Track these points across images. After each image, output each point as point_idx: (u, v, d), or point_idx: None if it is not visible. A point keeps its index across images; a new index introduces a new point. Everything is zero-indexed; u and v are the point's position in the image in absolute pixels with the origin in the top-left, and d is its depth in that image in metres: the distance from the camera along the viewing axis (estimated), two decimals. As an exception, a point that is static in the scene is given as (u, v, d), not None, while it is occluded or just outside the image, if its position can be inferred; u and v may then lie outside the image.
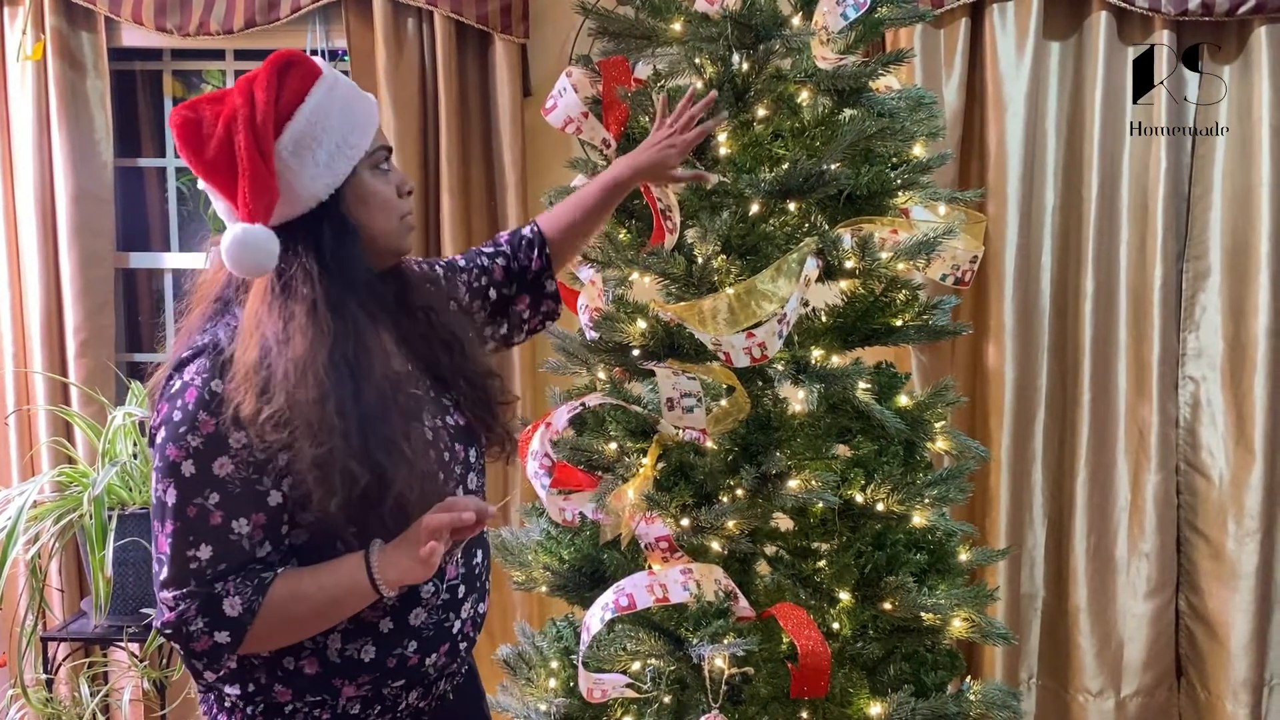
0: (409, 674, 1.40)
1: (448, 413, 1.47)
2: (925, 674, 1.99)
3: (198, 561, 1.27)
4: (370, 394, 1.30)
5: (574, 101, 2.00)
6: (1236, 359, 2.90)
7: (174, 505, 1.27)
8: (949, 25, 2.84)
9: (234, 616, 1.28)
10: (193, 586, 1.27)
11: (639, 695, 1.90)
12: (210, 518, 1.27)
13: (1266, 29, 2.76)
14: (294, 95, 1.33)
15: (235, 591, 1.28)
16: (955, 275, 2.10)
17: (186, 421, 1.27)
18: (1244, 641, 2.91)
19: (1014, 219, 2.85)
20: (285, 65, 1.34)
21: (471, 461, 1.48)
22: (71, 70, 2.96)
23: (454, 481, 1.43)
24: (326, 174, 1.33)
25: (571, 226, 1.75)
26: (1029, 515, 2.99)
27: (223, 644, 1.28)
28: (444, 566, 1.41)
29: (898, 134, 1.94)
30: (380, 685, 1.39)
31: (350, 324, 1.31)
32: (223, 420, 1.26)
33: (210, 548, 1.27)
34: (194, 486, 1.26)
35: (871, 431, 1.98)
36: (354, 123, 1.36)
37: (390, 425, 1.30)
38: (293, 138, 1.31)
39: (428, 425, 1.41)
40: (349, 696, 1.38)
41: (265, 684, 1.36)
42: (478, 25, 2.86)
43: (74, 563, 3.04)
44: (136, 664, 2.72)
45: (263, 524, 1.29)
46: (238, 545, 1.28)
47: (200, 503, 1.27)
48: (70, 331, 3.01)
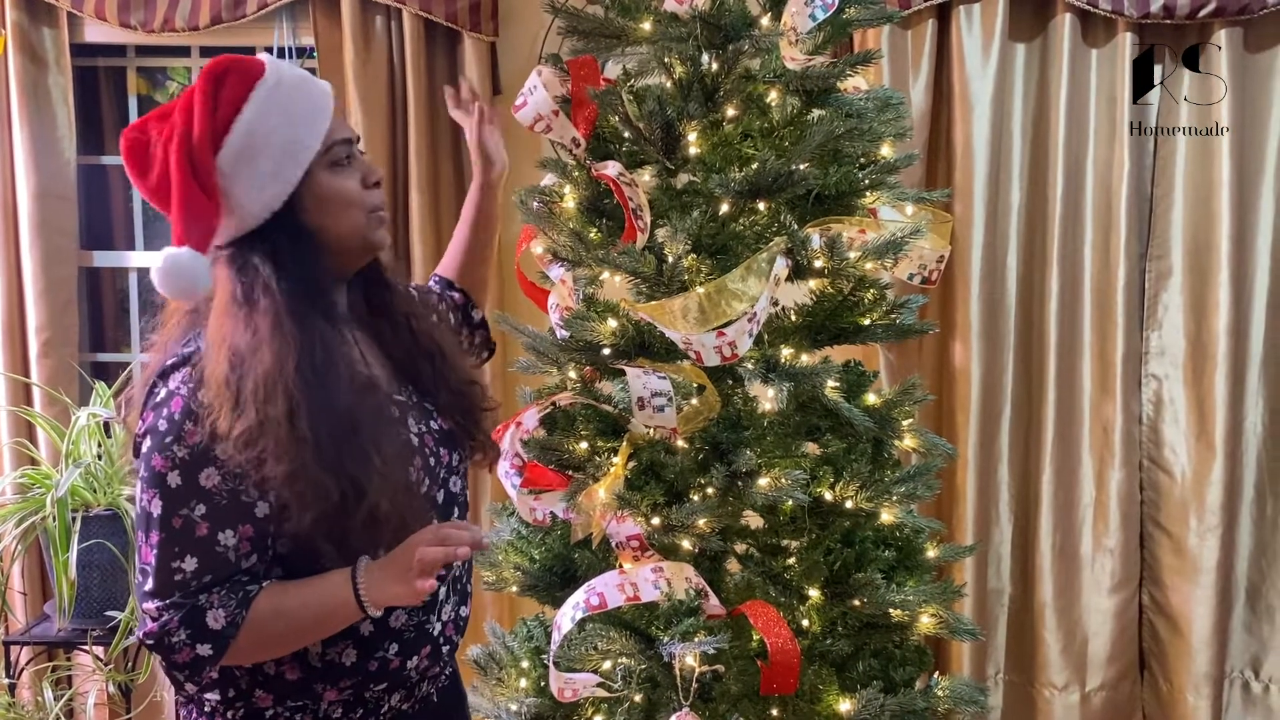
0: (390, 677, 1.40)
1: (431, 418, 1.46)
2: (894, 670, 2.01)
3: (182, 573, 1.25)
4: (340, 404, 1.28)
5: (544, 100, 2.00)
6: (1198, 357, 2.94)
7: (159, 516, 1.25)
8: (916, 26, 2.87)
9: (217, 630, 1.26)
10: (177, 598, 1.25)
11: (610, 694, 1.91)
12: (196, 529, 1.25)
13: (1226, 31, 2.81)
14: (230, 106, 1.29)
15: (219, 604, 1.26)
16: (922, 274, 2.11)
17: (173, 432, 1.25)
18: (1205, 635, 2.95)
19: (980, 219, 2.88)
20: (221, 74, 1.30)
21: (455, 465, 1.48)
22: (33, 66, 2.92)
23: (437, 486, 1.43)
24: (274, 183, 1.30)
25: (464, 253, 1.88)
26: (995, 512, 3.02)
27: (205, 656, 1.26)
28: None
29: (866, 134, 1.95)
30: (362, 689, 1.38)
31: (316, 334, 1.29)
32: (209, 431, 1.24)
33: (195, 559, 1.25)
34: (180, 498, 1.25)
35: (840, 429, 1.99)
36: (299, 121, 1.32)
37: (361, 436, 1.28)
38: (232, 152, 1.29)
39: (412, 432, 1.40)
40: (331, 701, 1.37)
41: (246, 690, 1.35)
42: (446, 23, 2.85)
43: (37, 565, 2.99)
44: (101, 667, 2.69)
45: (250, 536, 1.27)
46: (224, 557, 1.26)
47: (186, 514, 1.25)
48: (33, 331, 2.97)
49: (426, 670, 1.45)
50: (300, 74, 1.37)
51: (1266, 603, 3.03)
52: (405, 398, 1.44)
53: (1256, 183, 2.90)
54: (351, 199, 1.36)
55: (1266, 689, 3.05)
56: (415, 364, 1.47)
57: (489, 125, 1.92)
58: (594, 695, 1.91)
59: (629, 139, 2.00)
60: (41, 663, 2.88)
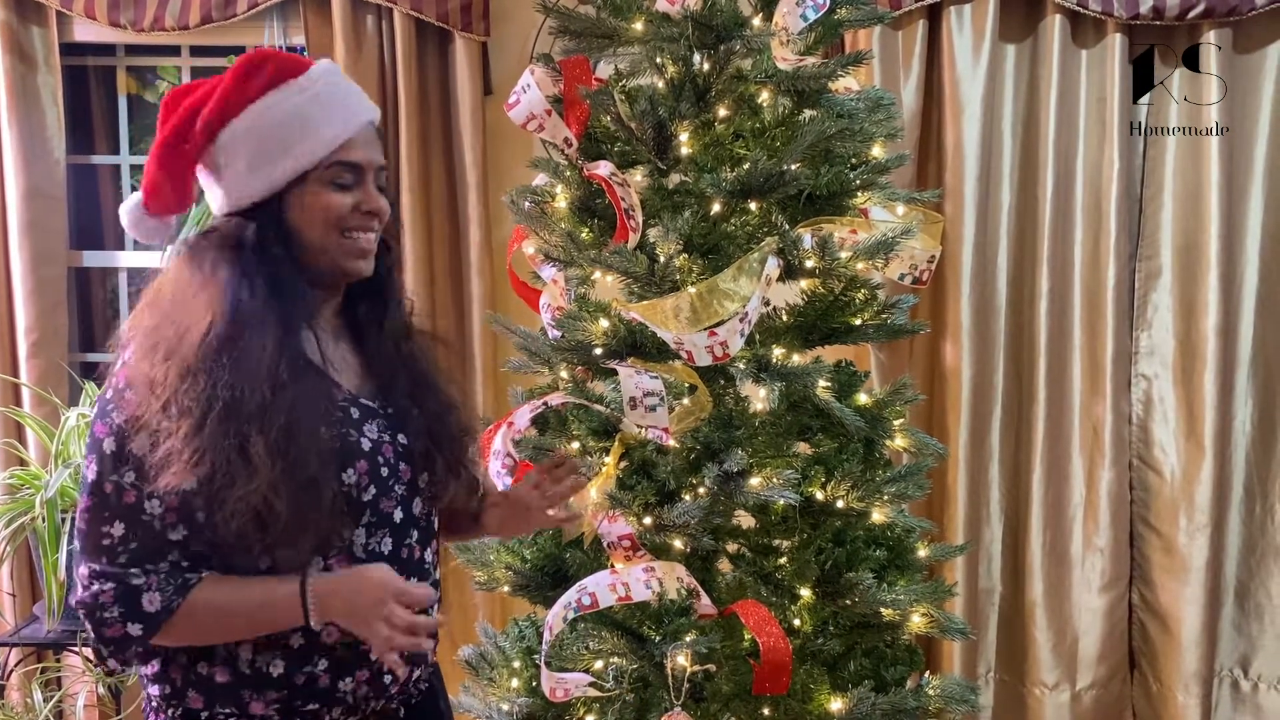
0: (321, 696, 1.35)
1: (402, 431, 1.43)
2: (885, 669, 2.01)
3: (110, 538, 1.27)
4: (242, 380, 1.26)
5: (537, 98, 2.00)
6: (1187, 357, 2.96)
7: (93, 481, 1.28)
8: (907, 27, 2.87)
9: (150, 612, 1.27)
10: (105, 564, 1.27)
11: (602, 694, 1.91)
12: (124, 496, 1.27)
13: (1215, 32, 2.82)
14: (249, 95, 1.34)
15: (157, 587, 1.27)
16: (913, 275, 2.12)
17: (114, 399, 1.29)
18: (1194, 634, 2.96)
19: (971, 219, 2.89)
20: (257, 64, 1.35)
21: (419, 487, 1.44)
22: (22, 65, 2.90)
23: (392, 501, 1.39)
24: (257, 178, 1.33)
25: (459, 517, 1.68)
26: (986, 511, 3.03)
27: (134, 635, 1.28)
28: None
29: (857, 135, 1.95)
30: (290, 702, 1.35)
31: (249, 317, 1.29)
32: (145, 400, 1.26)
33: (122, 525, 1.27)
34: (112, 463, 1.27)
35: (832, 429, 1.99)
36: (306, 134, 1.34)
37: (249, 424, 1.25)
38: (229, 136, 1.34)
39: (368, 437, 1.38)
40: (258, 713, 1.34)
41: (180, 688, 1.35)
42: (438, 23, 2.84)
43: (26, 567, 2.98)
44: (91, 669, 2.68)
45: (174, 506, 1.27)
46: (149, 525, 1.28)
47: (116, 480, 1.27)
48: (22, 332, 2.96)
49: (368, 696, 1.39)
50: (345, 90, 1.40)
51: (1255, 601, 3.04)
52: (376, 405, 1.42)
53: (1245, 183, 2.92)
54: (330, 218, 1.36)
55: (1255, 687, 3.06)
56: (394, 379, 1.45)
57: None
58: (586, 695, 1.91)
59: (621, 139, 2.00)
60: (31, 664, 2.87)
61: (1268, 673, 3.05)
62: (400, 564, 1.39)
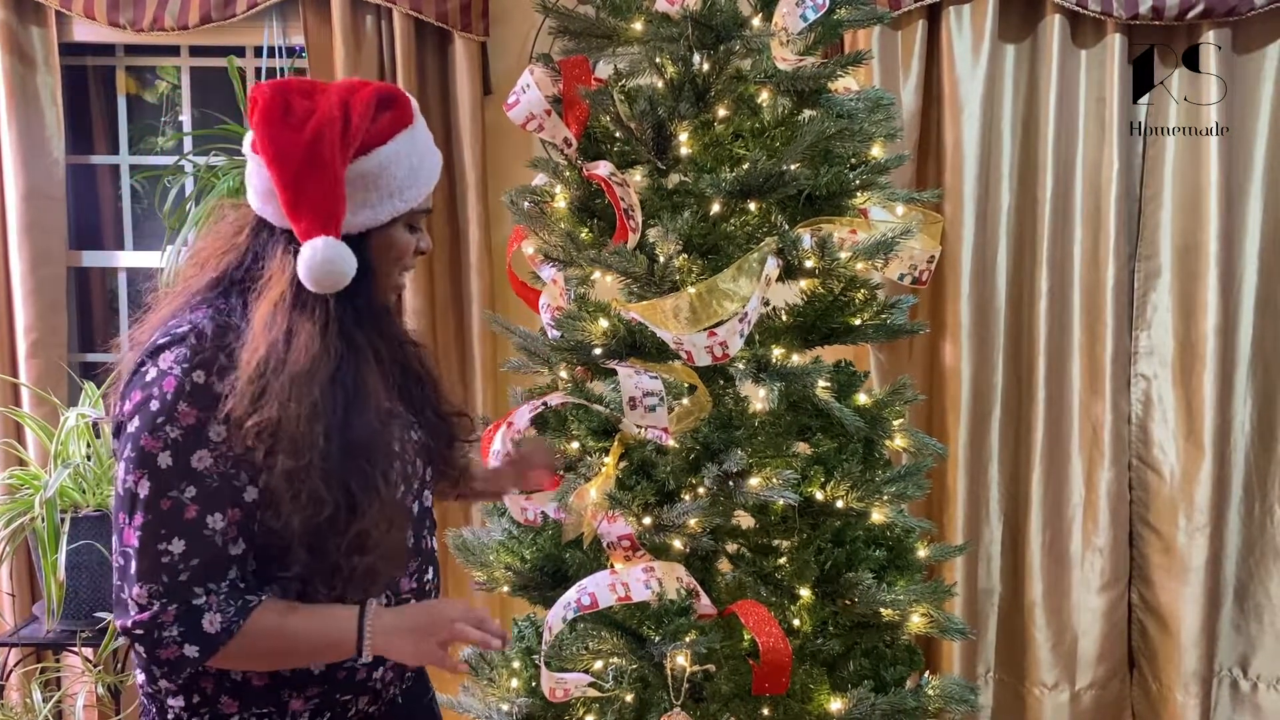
0: (357, 686, 1.40)
1: (414, 428, 1.48)
2: (884, 669, 2.01)
3: (170, 556, 1.23)
4: (359, 425, 1.30)
5: (537, 98, 2.00)
6: (1187, 357, 2.96)
7: (146, 498, 1.23)
8: (906, 27, 2.87)
9: (211, 634, 1.25)
10: (165, 583, 1.24)
11: (601, 694, 1.91)
12: (185, 511, 1.24)
13: (1215, 32, 2.82)
14: (380, 132, 1.34)
15: (218, 608, 1.25)
16: (913, 275, 2.12)
17: (165, 412, 1.23)
18: (1194, 634, 2.96)
19: (970, 219, 2.89)
20: (389, 99, 1.35)
21: (428, 480, 1.50)
22: (21, 65, 2.91)
23: (413, 497, 1.44)
24: (370, 215, 1.34)
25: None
26: (985, 511, 3.03)
27: (190, 658, 1.25)
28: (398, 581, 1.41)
29: (856, 135, 1.95)
30: (329, 696, 1.38)
31: (354, 354, 1.32)
32: (203, 412, 1.23)
33: (183, 542, 1.24)
34: (170, 479, 1.23)
35: (831, 429, 1.99)
36: (416, 180, 1.37)
37: (371, 460, 1.30)
38: (361, 170, 1.32)
39: (396, 438, 1.40)
40: (296, 709, 1.36)
41: (212, 695, 1.34)
42: (437, 23, 2.84)
43: (25, 567, 2.98)
44: (90, 669, 2.68)
45: (237, 520, 1.26)
46: (211, 541, 1.25)
47: (176, 495, 1.23)
48: (21, 331, 2.96)
49: (393, 681, 1.45)
50: (429, 137, 1.43)
51: (1254, 601, 3.04)
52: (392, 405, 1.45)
53: (1245, 183, 2.92)
54: (403, 259, 1.42)
55: (1255, 687, 3.06)
56: (405, 381, 1.49)
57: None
58: (585, 695, 1.91)
59: (620, 139, 2.00)
60: (30, 664, 2.87)
61: (1267, 672, 3.05)
62: (421, 555, 1.45)
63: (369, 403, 1.32)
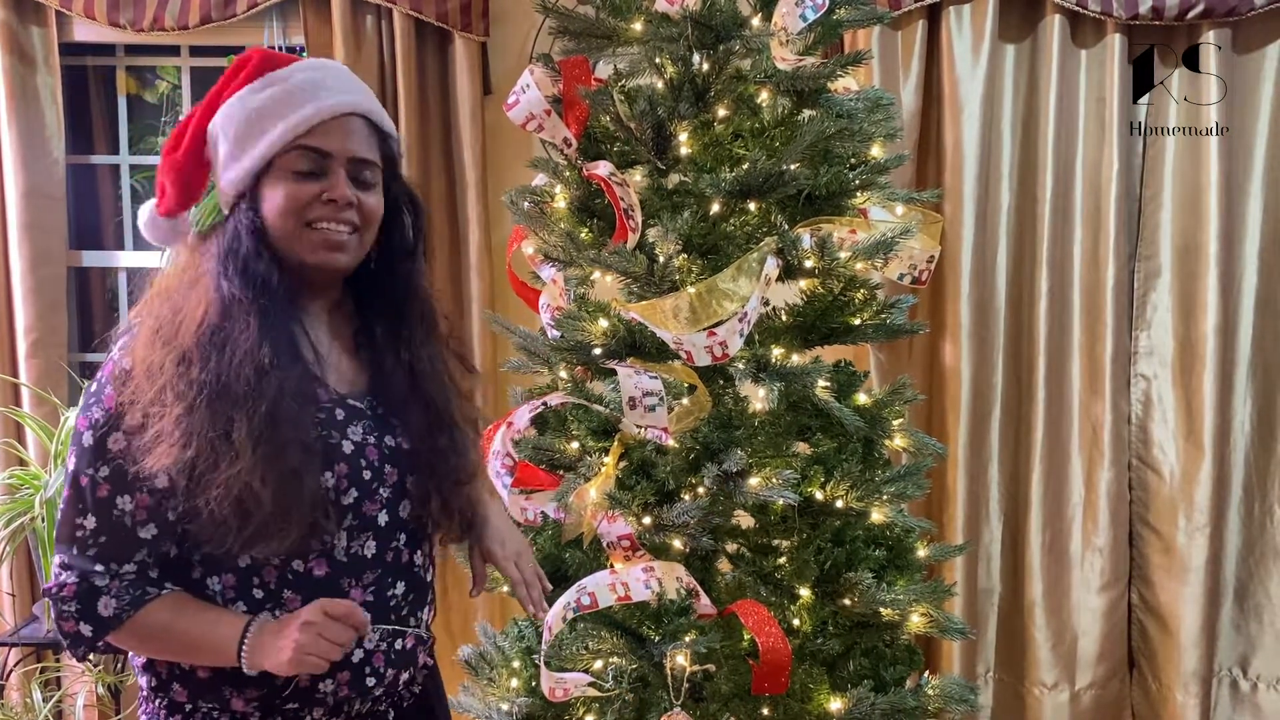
0: (300, 696, 1.35)
1: (391, 433, 1.41)
2: (884, 669, 2.01)
3: (83, 530, 1.30)
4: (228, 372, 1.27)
5: (536, 98, 2.00)
6: (1186, 357, 2.96)
7: (71, 472, 1.31)
8: (906, 27, 2.87)
9: (103, 616, 1.31)
10: (74, 555, 1.30)
11: (601, 694, 1.91)
12: (98, 490, 1.29)
13: (1215, 32, 2.82)
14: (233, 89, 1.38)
15: (115, 594, 1.30)
16: (913, 275, 2.12)
17: (95, 394, 1.31)
18: (1194, 634, 2.96)
19: (970, 219, 2.89)
20: (243, 60, 1.39)
21: (407, 489, 1.41)
22: (21, 65, 2.91)
23: (376, 504, 1.37)
24: (233, 169, 1.36)
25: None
26: (985, 511, 3.03)
27: (84, 635, 1.31)
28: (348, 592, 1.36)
29: (856, 135, 1.95)
30: (270, 701, 1.35)
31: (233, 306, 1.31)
32: (123, 396, 1.28)
33: (94, 518, 1.30)
34: (89, 457, 1.29)
35: (831, 429, 1.99)
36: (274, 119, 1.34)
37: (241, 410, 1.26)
38: (215, 128, 1.38)
39: (350, 439, 1.36)
40: (239, 710, 1.35)
41: (165, 680, 1.38)
42: (437, 23, 2.84)
43: (25, 567, 2.98)
44: (90, 669, 2.68)
45: (146, 505, 1.29)
46: (120, 522, 1.30)
47: (91, 474, 1.29)
48: (21, 331, 2.96)
49: (350, 697, 1.38)
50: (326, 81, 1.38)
51: (1254, 601, 3.04)
52: (364, 406, 1.41)
53: (1245, 183, 2.92)
54: (290, 207, 1.34)
55: (1254, 687, 3.06)
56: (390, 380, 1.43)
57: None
58: (585, 695, 1.91)
59: (620, 139, 2.00)
60: (30, 664, 2.87)
61: (1266, 672, 3.05)
62: (385, 567, 1.39)
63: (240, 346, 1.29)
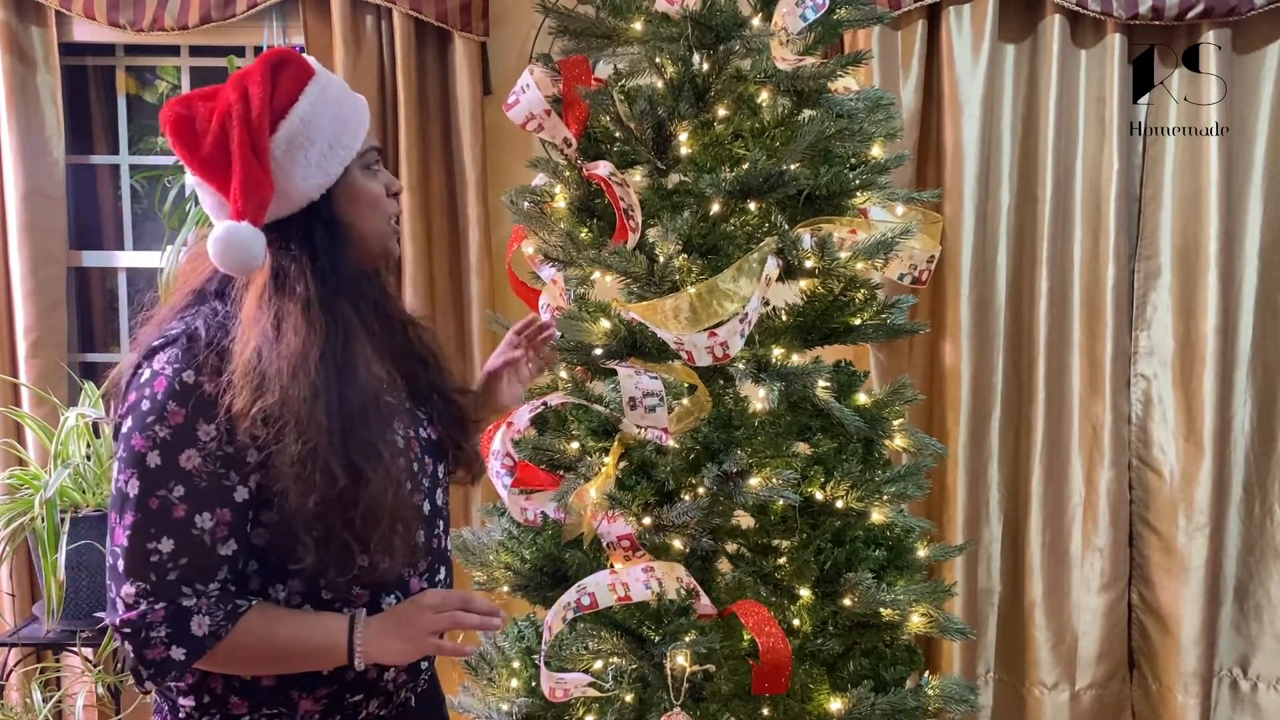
0: (368, 687, 1.39)
1: (421, 425, 1.47)
2: (884, 669, 2.01)
3: (158, 555, 1.24)
4: (354, 395, 1.30)
5: (536, 98, 2.00)
6: (1186, 357, 2.96)
7: (136, 497, 1.24)
8: (906, 27, 2.87)
9: (198, 636, 1.25)
10: (153, 582, 1.24)
11: (601, 694, 1.91)
12: (173, 511, 1.24)
13: (1215, 32, 2.82)
14: (288, 93, 1.33)
15: (207, 610, 1.26)
16: (913, 275, 2.12)
17: (155, 411, 1.25)
18: (1194, 634, 2.96)
19: (970, 219, 2.89)
20: (280, 62, 1.34)
21: (440, 478, 1.48)
22: (21, 65, 2.91)
23: (421, 494, 1.42)
24: (318, 173, 1.33)
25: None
26: (985, 511, 3.03)
27: (176, 660, 1.25)
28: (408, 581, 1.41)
29: (856, 135, 1.95)
30: (338, 697, 1.37)
31: (340, 323, 1.32)
32: (192, 412, 1.24)
33: (171, 541, 1.24)
34: (158, 478, 1.24)
35: (831, 429, 1.99)
36: (346, 123, 1.36)
37: (370, 428, 1.30)
38: (286, 136, 1.31)
39: (400, 434, 1.40)
40: (306, 709, 1.36)
41: (221, 695, 1.34)
42: (437, 23, 2.84)
43: (25, 566, 2.98)
44: (90, 669, 2.68)
45: (228, 520, 1.27)
46: (199, 540, 1.25)
47: (164, 495, 1.24)
48: (21, 332, 2.96)
49: (405, 682, 1.44)
50: (343, 83, 1.42)
51: (1254, 601, 3.04)
52: (397, 401, 1.44)
53: (1245, 183, 2.92)
54: (378, 201, 1.40)
55: (1255, 687, 3.06)
56: (411, 368, 1.48)
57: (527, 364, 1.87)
58: (585, 695, 1.91)
59: (620, 139, 2.00)
60: (30, 664, 2.87)
61: (1267, 672, 3.05)
62: (434, 554, 1.45)
63: (358, 371, 1.32)
